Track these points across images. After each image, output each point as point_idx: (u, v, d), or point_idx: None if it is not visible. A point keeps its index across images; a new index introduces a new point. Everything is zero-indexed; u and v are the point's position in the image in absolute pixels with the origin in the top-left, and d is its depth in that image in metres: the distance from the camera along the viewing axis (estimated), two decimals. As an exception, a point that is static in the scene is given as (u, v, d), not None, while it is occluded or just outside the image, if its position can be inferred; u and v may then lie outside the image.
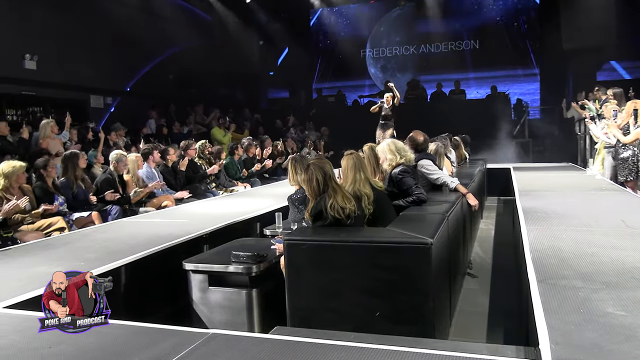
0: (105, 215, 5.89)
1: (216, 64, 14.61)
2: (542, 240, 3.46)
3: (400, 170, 4.17)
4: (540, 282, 2.56)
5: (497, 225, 7.56)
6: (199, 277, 3.63)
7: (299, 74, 17.22)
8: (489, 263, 5.51)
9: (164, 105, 12.96)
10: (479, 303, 4.26)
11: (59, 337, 2.22)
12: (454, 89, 15.57)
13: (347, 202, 3.26)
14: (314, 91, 18.00)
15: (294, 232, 3.44)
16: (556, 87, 14.57)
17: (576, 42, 13.47)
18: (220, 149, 8.79)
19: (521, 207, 4.84)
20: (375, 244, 2.96)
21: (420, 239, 2.86)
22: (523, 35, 16.16)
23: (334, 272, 2.99)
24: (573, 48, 13.62)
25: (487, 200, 9.73)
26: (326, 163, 3.41)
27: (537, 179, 7.75)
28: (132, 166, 6.68)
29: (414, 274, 2.85)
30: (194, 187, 7.46)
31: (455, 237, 4.06)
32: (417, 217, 3.68)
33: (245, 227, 5.14)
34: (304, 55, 17.56)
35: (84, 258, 3.63)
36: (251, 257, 3.55)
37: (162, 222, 5.10)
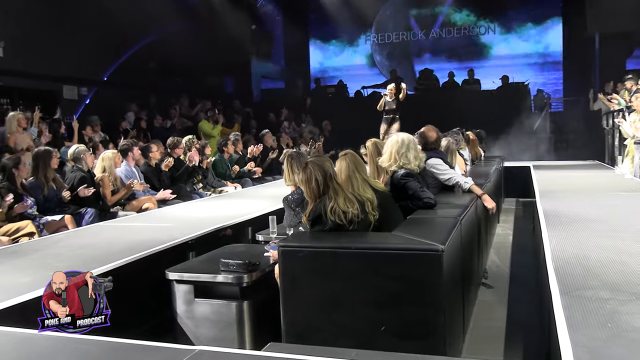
0: (79, 218, 5.88)
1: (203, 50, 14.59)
2: (565, 247, 3.46)
3: (403, 174, 4.11)
4: (564, 293, 2.56)
5: (515, 231, 7.56)
6: (184, 288, 3.62)
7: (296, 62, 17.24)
8: (507, 272, 5.51)
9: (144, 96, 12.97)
10: (496, 317, 4.26)
11: (26, 356, 2.21)
12: (468, 79, 15.57)
13: (350, 205, 3.25)
14: (311, 81, 18.00)
15: (289, 238, 3.43)
16: (581, 76, 14.60)
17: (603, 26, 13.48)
18: (205, 143, 8.78)
19: (542, 210, 4.84)
20: (380, 251, 2.96)
21: (430, 245, 2.86)
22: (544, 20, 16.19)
23: (335, 281, 2.99)
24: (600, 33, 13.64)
25: (505, 202, 9.73)
26: (326, 161, 3.40)
27: (560, 179, 7.75)
28: (109, 164, 6.68)
29: (423, 284, 2.85)
30: (179, 188, 7.45)
31: (469, 243, 4.06)
32: (426, 220, 3.68)
33: (235, 232, 5.12)
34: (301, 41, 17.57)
35: (55, 267, 3.62)
36: (242, 266, 3.55)
37: (143, 227, 5.09)
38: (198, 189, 8.01)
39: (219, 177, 8.65)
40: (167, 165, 7.50)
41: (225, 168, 8.92)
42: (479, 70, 15.84)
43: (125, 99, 12.31)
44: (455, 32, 16.94)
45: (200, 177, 8.22)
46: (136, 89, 13.30)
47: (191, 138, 8.53)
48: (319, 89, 17.28)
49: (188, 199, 7.29)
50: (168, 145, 7.94)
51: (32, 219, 5.50)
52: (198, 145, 8.48)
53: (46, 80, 11.53)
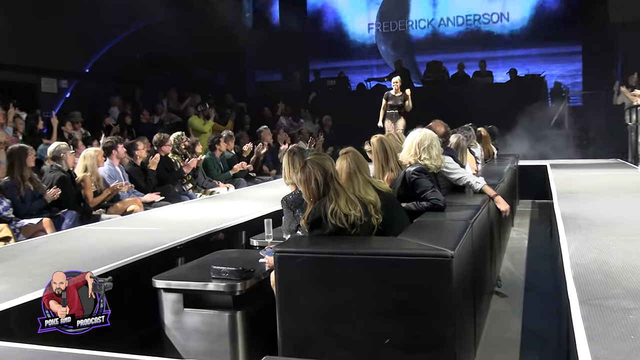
0: (58, 222, 5.88)
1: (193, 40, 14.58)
2: (585, 252, 3.46)
3: (416, 169, 4.13)
4: (583, 302, 2.56)
5: (531, 235, 7.56)
6: (172, 297, 3.62)
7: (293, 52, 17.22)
8: (522, 280, 5.51)
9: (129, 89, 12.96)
10: (510, 328, 4.26)
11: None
12: (479, 70, 15.58)
13: (352, 207, 3.25)
14: (310, 73, 18.01)
15: (287, 243, 3.43)
16: (602, 68, 14.59)
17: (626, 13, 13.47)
18: (196, 140, 8.77)
19: (560, 212, 4.84)
20: (384, 257, 2.95)
21: (439, 250, 2.86)
22: (563, 7, 16.19)
23: (335, 290, 2.99)
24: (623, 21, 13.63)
25: (520, 204, 9.73)
26: (326, 159, 3.39)
27: (580, 179, 7.76)
28: (91, 163, 6.67)
29: (431, 292, 2.85)
30: (167, 189, 7.45)
31: (481, 248, 4.06)
32: (435, 224, 3.68)
33: (228, 236, 5.12)
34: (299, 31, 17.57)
35: (33, 274, 3.62)
36: (235, 273, 3.55)
37: (128, 231, 5.09)
38: (187, 190, 8.01)
39: (210, 177, 8.65)
40: (153, 162, 7.47)
41: (217, 167, 8.93)
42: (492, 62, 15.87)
43: (108, 92, 12.31)
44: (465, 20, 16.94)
45: (189, 177, 8.22)
46: (120, 82, 13.29)
47: (180, 135, 8.53)
48: (319, 81, 17.28)
49: (177, 200, 7.29)
50: (154, 142, 7.93)
51: (7, 222, 5.50)
52: (187, 142, 8.48)
53: (23, 72, 11.53)
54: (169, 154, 8.13)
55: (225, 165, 9.09)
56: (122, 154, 7.26)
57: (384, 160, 4.37)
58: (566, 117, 13.73)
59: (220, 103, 14.27)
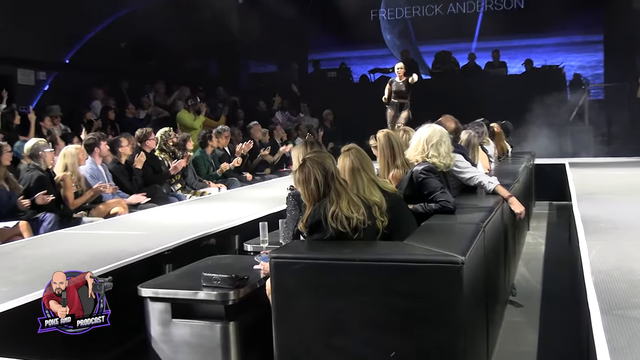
0: (36, 225, 5.88)
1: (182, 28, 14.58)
2: (607, 258, 3.46)
3: (424, 168, 4.12)
4: (605, 313, 2.56)
5: (548, 239, 7.56)
6: (160, 307, 3.62)
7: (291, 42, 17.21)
8: (538, 288, 5.51)
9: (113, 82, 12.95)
10: (525, 340, 4.26)
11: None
12: (492, 61, 15.58)
13: (355, 209, 3.24)
14: (309, 63, 18.00)
15: (284, 248, 3.43)
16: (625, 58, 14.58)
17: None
18: (187, 136, 8.76)
19: (580, 215, 4.84)
20: (389, 263, 2.95)
21: (449, 256, 2.86)
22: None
23: (336, 299, 2.99)
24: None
25: (536, 206, 9.74)
26: (327, 157, 3.38)
27: (601, 178, 7.76)
28: (72, 162, 6.67)
29: (440, 302, 2.85)
30: (153, 189, 7.46)
31: (494, 254, 4.06)
32: (444, 227, 3.68)
33: (219, 241, 5.12)
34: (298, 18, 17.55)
35: (9, 282, 3.62)
36: (227, 281, 3.55)
37: (112, 235, 5.09)
38: (176, 191, 8.01)
39: (201, 177, 8.65)
40: (139, 160, 7.47)
41: (207, 166, 8.93)
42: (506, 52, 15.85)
43: (90, 84, 12.30)
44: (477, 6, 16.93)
45: (178, 176, 8.21)
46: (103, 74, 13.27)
47: (167, 131, 8.52)
48: (318, 72, 17.27)
49: (164, 202, 7.29)
50: (137, 138, 7.90)
51: (-20, 225, 5.50)
52: (176, 139, 8.47)
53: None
54: (156, 152, 8.13)
55: (217, 163, 9.10)
56: (105, 151, 7.26)
57: (390, 157, 4.37)
58: (586, 112, 13.73)
59: (212, 96, 14.27)
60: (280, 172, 10.42)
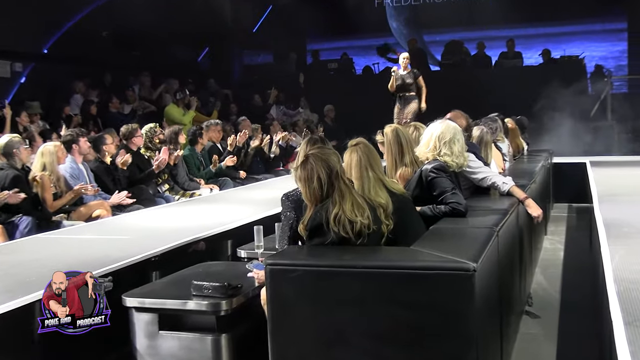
0: (12, 229, 5.88)
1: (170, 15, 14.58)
2: (631, 265, 3.45)
3: (435, 166, 4.12)
4: (628, 324, 2.56)
5: (567, 245, 7.56)
6: (146, 318, 3.62)
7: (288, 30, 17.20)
8: (556, 298, 5.51)
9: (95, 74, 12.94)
10: (542, 353, 4.26)
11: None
12: (506, 52, 15.58)
13: (359, 212, 3.23)
14: (308, 54, 17.99)
15: (280, 254, 3.43)
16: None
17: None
18: (178, 128, 8.73)
19: (601, 218, 4.84)
20: (395, 271, 2.96)
21: (459, 263, 2.87)
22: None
23: (337, 310, 2.99)
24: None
25: (554, 208, 9.73)
26: (332, 154, 3.35)
27: (625, 179, 7.75)
28: (50, 160, 6.66)
29: (450, 312, 2.85)
30: (139, 190, 7.44)
31: (508, 260, 4.06)
32: (454, 232, 3.68)
33: (211, 246, 5.12)
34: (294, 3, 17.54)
35: (-18, 290, 3.62)
36: (219, 289, 3.55)
37: (94, 240, 5.09)
38: (163, 192, 8.00)
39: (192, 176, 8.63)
40: (124, 163, 7.46)
41: (198, 164, 8.92)
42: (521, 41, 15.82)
43: (70, 77, 12.29)
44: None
45: (166, 176, 8.17)
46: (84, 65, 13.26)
47: (153, 127, 8.51)
48: (318, 64, 17.25)
49: (150, 204, 7.28)
50: (122, 135, 7.91)
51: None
52: (162, 135, 8.47)
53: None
54: (142, 150, 8.12)
55: (207, 161, 9.08)
56: (85, 149, 7.24)
57: (399, 154, 4.37)
58: (609, 106, 13.73)
59: (202, 89, 14.27)
60: (277, 171, 10.42)
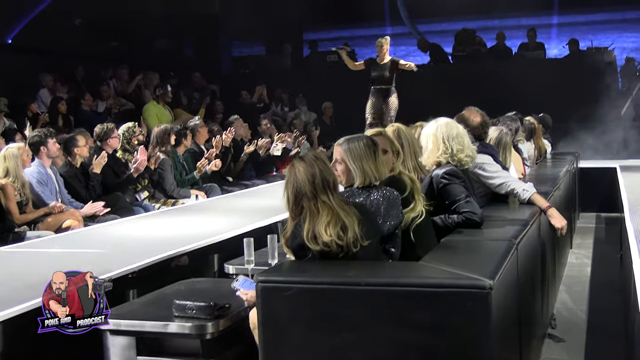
0: (-28, 241, 5.88)
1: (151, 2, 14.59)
2: (666, 282, 3.47)
3: (447, 171, 4.12)
4: (664, 348, 2.57)
5: (595, 259, 7.57)
6: (122, 342, 3.62)
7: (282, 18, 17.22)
8: (583, 319, 5.52)
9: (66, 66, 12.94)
10: (567, 382, 4.27)
11: None
12: (527, 42, 15.60)
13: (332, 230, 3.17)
14: (304, 45, 18.00)
15: (273, 269, 3.43)
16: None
17: None
18: (170, 128, 8.70)
19: (633, 229, 4.85)
20: (402, 288, 2.96)
21: (474, 280, 2.87)
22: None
23: (337, 332, 2.99)
24: None
25: (580, 218, 9.74)
26: (320, 161, 3.36)
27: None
28: (14, 164, 6.65)
29: (463, 334, 2.86)
30: (115, 198, 7.43)
31: (528, 277, 4.06)
32: (468, 245, 3.69)
33: (195, 261, 5.12)
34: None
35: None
36: (205, 310, 3.55)
37: (63, 254, 5.07)
38: (142, 200, 8.00)
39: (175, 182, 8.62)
40: (98, 163, 7.45)
41: (180, 169, 8.91)
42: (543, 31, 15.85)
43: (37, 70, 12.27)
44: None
45: (145, 181, 8.16)
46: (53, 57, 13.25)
47: (131, 127, 8.51)
48: (316, 55, 17.24)
49: (128, 213, 7.27)
50: (96, 136, 7.88)
51: None
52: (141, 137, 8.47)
53: None
54: (118, 152, 8.12)
55: (190, 164, 9.05)
56: (54, 151, 7.23)
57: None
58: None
59: (185, 84, 14.26)
60: (269, 176, 10.42)
